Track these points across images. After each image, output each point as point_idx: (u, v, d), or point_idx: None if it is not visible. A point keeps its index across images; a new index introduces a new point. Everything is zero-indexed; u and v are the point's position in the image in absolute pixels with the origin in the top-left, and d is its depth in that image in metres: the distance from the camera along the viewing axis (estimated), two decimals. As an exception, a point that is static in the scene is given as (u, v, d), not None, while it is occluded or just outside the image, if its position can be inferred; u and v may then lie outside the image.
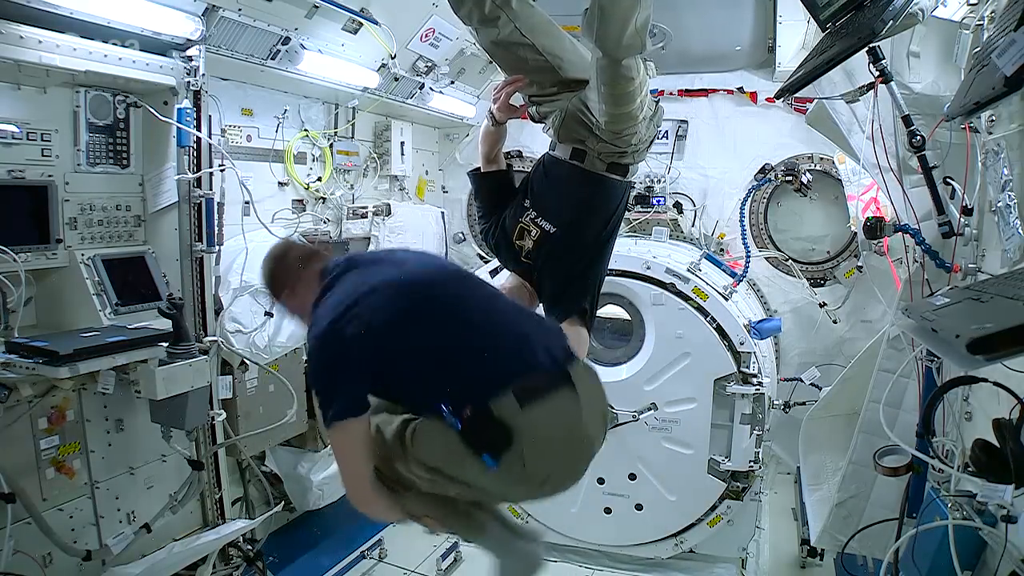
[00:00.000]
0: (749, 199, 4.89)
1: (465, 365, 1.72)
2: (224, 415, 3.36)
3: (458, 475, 1.71)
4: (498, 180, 2.62)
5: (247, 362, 3.54)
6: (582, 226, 2.41)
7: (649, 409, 3.93)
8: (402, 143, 4.93)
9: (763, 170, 4.83)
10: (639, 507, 4.07)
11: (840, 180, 4.32)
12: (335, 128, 4.44)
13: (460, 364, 1.72)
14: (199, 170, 3.08)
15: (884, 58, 2.38)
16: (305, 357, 1.66)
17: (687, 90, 4.95)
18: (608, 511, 4.13)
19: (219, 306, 3.34)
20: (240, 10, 3.07)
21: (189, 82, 3.00)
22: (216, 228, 3.21)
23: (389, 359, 1.70)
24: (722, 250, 4.95)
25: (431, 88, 4.59)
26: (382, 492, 1.76)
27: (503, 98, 2.39)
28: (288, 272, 2.01)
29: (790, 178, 4.73)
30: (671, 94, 4.92)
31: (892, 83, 2.42)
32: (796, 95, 3.85)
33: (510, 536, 1.91)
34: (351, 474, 1.75)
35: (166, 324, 2.74)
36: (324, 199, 4.39)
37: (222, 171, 3.32)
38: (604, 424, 1.84)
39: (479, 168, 2.64)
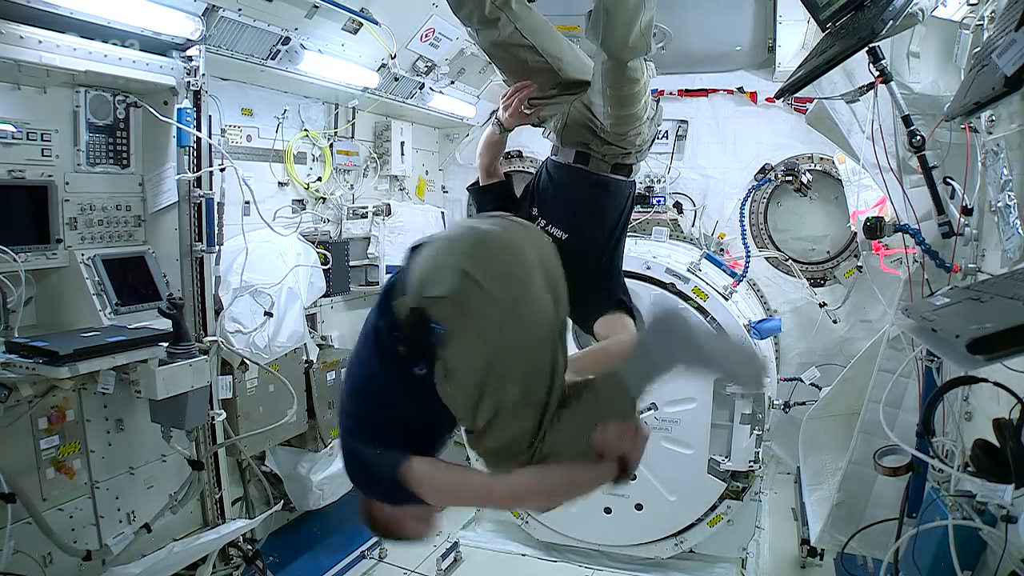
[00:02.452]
0: (749, 199, 4.90)
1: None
2: (224, 415, 3.36)
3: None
4: (499, 191, 2.51)
5: (247, 362, 3.54)
6: (594, 229, 2.34)
7: (649, 409, 3.93)
8: (402, 143, 4.93)
9: (763, 170, 4.83)
10: (639, 507, 4.07)
11: (840, 180, 4.32)
12: (335, 128, 4.45)
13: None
14: (199, 170, 3.08)
15: (884, 58, 2.37)
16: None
17: (687, 90, 4.96)
18: (608, 511, 4.13)
19: (219, 306, 3.34)
20: (240, 10, 3.08)
21: (189, 82, 3.01)
22: (216, 228, 3.22)
23: None
24: (722, 250, 4.95)
25: (431, 88, 4.59)
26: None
27: (515, 104, 2.30)
28: None
29: (790, 178, 4.74)
30: (671, 94, 4.93)
31: (892, 83, 2.41)
32: (796, 95, 3.84)
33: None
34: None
35: (166, 324, 2.74)
36: (324, 199, 4.39)
37: (222, 171, 3.32)
38: None
39: (478, 182, 2.52)
